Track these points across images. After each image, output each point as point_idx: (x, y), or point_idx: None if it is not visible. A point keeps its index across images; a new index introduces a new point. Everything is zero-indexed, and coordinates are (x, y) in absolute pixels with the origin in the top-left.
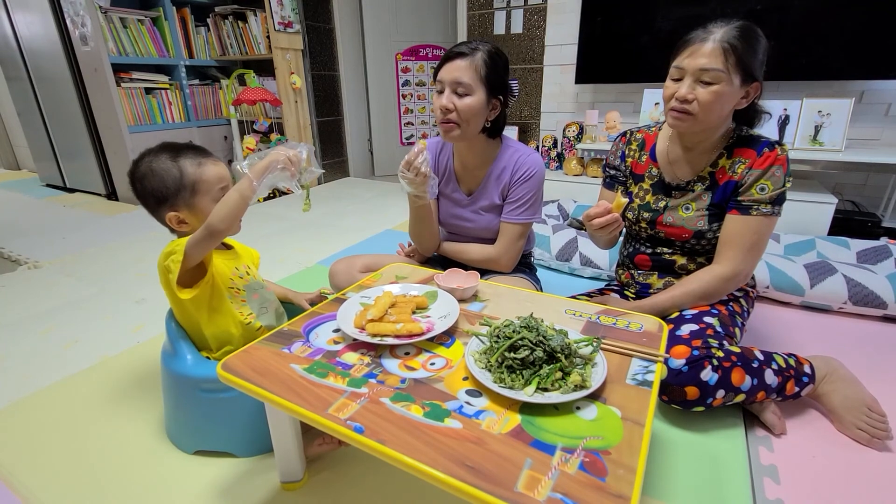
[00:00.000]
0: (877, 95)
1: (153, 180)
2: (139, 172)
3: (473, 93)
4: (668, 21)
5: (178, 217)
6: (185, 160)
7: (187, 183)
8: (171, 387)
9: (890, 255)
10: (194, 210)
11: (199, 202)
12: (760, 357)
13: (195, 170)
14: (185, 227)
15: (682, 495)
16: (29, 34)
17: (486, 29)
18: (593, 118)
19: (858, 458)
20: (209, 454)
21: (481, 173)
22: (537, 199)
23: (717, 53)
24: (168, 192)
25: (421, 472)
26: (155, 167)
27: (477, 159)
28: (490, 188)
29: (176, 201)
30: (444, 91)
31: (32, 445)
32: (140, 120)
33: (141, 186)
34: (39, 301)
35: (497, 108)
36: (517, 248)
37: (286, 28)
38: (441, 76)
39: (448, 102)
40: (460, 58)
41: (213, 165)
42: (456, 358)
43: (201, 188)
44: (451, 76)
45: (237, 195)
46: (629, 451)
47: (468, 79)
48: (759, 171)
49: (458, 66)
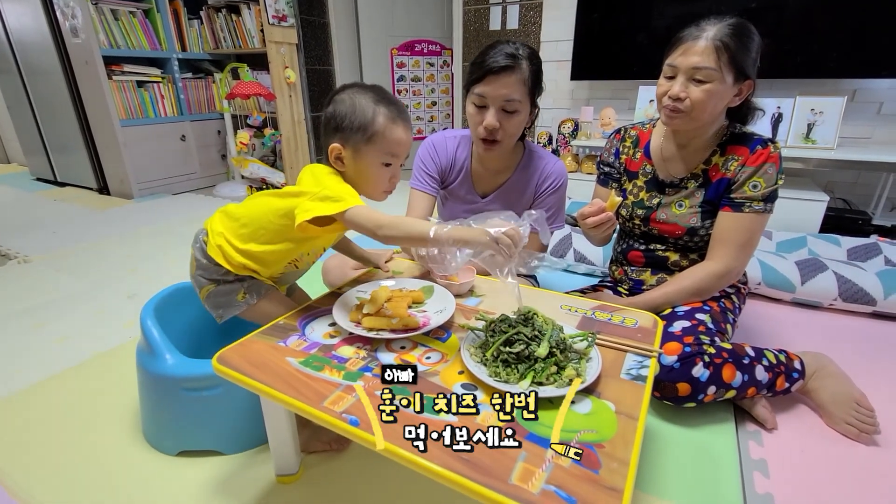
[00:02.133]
0: (869, 94)
1: (345, 107)
2: (340, 96)
3: (522, 109)
4: (664, 18)
5: (340, 151)
6: (384, 108)
7: (371, 128)
8: (151, 388)
9: (880, 253)
10: (358, 155)
11: (366, 152)
12: (751, 353)
13: (385, 122)
14: (340, 165)
15: (673, 489)
16: (18, 26)
17: (482, 24)
18: (588, 115)
19: (847, 453)
20: (194, 452)
21: (501, 178)
22: (563, 206)
23: (709, 52)
24: (351, 125)
25: (416, 465)
26: (356, 98)
27: (500, 164)
28: (511, 197)
29: (350, 137)
30: (486, 107)
31: (23, 441)
32: (132, 113)
33: (332, 108)
34: (30, 296)
35: (534, 114)
36: (545, 252)
37: (280, 22)
38: (483, 91)
39: (495, 122)
40: (507, 73)
41: (403, 132)
42: (451, 352)
43: (377, 141)
44: (499, 93)
45: (428, 232)
46: (623, 444)
47: (518, 95)
48: (752, 168)
49: (505, 82)
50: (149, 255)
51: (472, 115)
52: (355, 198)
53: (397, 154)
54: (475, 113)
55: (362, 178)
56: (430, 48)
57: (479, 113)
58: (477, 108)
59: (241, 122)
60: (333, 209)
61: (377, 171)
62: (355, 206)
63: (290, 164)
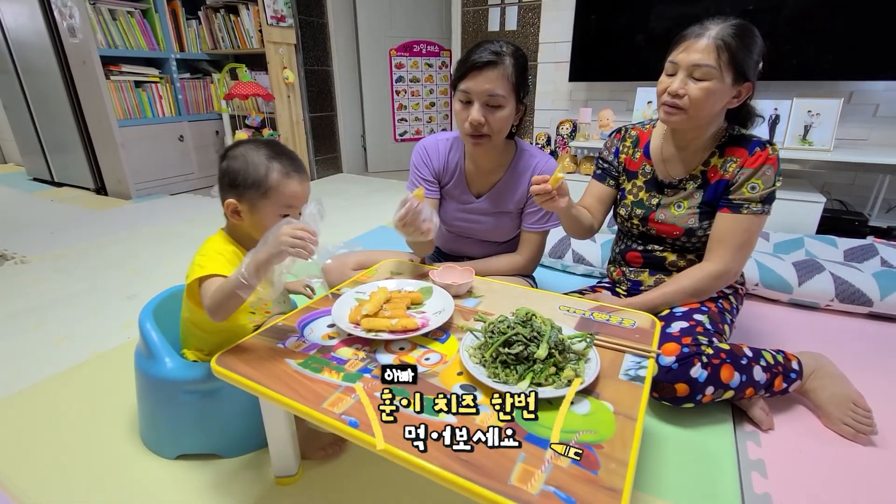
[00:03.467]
0: (865, 96)
1: (238, 164)
2: (234, 152)
3: (506, 104)
4: (662, 20)
5: (236, 206)
6: (277, 164)
7: (265, 184)
8: (150, 391)
9: (876, 254)
10: (254, 209)
11: (262, 206)
12: (749, 354)
13: (279, 177)
14: (237, 219)
15: (672, 489)
16: (15, 26)
17: (481, 25)
18: (587, 116)
19: (844, 453)
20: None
21: (494, 177)
22: None
23: (710, 49)
24: (245, 181)
25: (415, 465)
26: (249, 154)
27: (492, 163)
28: (504, 196)
29: (245, 193)
30: (471, 102)
31: (20, 442)
32: (130, 114)
33: (227, 164)
34: (28, 297)
35: (521, 112)
36: (541, 252)
37: (279, 22)
38: (467, 87)
39: (480, 117)
40: (490, 67)
41: (299, 184)
42: (450, 353)
43: (272, 195)
44: (482, 88)
45: (237, 278)
46: (621, 445)
47: (502, 90)
48: (751, 170)
49: (488, 76)
50: (147, 256)
51: (458, 112)
52: (216, 269)
53: (293, 205)
54: (461, 110)
55: (259, 231)
56: (428, 49)
57: (464, 109)
58: (463, 105)
59: (240, 123)
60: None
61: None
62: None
63: None
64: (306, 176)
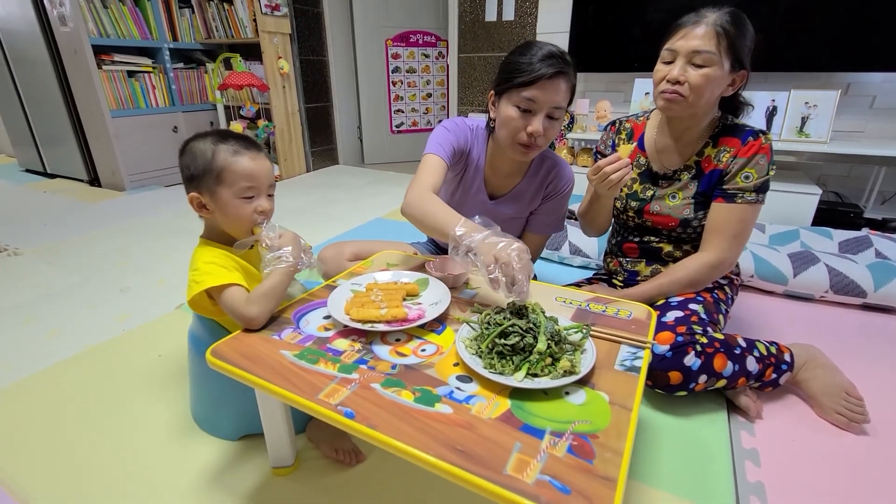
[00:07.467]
0: (862, 88)
1: (189, 156)
2: (185, 147)
3: (563, 116)
4: (659, 11)
5: (199, 199)
6: (224, 145)
7: (215, 167)
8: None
9: (871, 246)
10: (216, 197)
11: (220, 192)
12: (743, 344)
13: (226, 156)
14: (206, 212)
15: (666, 478)
16: (4, 14)
17: (478, 15)
18: (584, 107)
19: (837, 442)
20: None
21: (511, 182)
22: (565, 212)
23: (710, 36)
24: (197, 170)
25: (411, 455)
26: (196, 144)
27: (511, 167)
28: (520, 202)
29: (201, 183)
30: (531, 112)
31: (14, 436)
32: (123, 104)
33: (180, 160)
34: (21, 289)
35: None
36: (541, 252)
37: (273, 11)
38: (534, 95)
39: (541, 128)
40: (560, 78)
41: (250, 160)
42: (447, 344)
43: (225, 177)
44: (551, 99)
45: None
46: (616, 434)
47: (565, 102)
48: (744, 159)
49: (557, 88)
50: (141, 248)
51: (512, 118)
52: (218, 281)
53: (254, 185)
54: (518, 117)
55: (228, 219)
56: (425, 39)
57: (522, 117)
58: (521, 112)
59: (234, 114)
60: (190, 292)
61: (238, 208)
62: (226, 288)
63: (284, 155)
64: (260, 154)
